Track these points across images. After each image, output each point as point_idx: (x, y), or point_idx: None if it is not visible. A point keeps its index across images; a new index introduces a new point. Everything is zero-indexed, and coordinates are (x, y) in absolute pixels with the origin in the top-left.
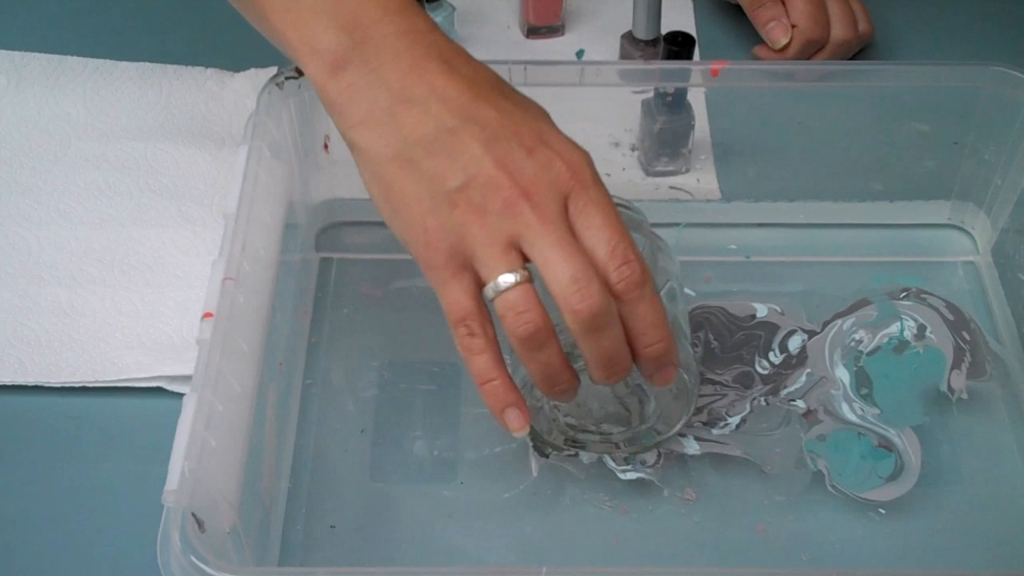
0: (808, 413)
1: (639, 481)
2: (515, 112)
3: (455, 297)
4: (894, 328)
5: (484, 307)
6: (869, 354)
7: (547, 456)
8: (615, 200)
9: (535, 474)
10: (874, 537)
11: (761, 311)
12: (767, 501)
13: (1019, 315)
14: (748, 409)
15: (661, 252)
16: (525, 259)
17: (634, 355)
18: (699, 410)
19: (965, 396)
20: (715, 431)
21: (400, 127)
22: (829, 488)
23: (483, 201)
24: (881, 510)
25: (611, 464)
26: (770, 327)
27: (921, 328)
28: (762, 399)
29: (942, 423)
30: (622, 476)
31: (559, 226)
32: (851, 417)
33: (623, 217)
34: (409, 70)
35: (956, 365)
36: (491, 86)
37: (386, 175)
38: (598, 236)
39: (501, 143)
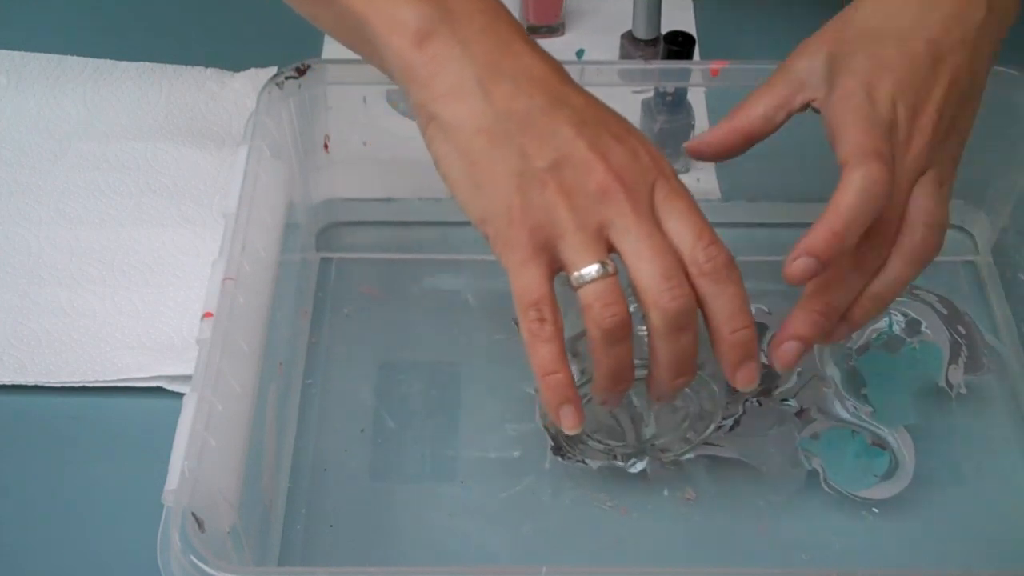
0: (801, 412)
1: (639, 481)
2: (597, 101)
3: (530, 279)
4: (883, 324)
5: (552, 296)
6: (859, 351)
7: (563, 457)
8: None
9: (547, 466)
10: (873, 534)
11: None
12: (766, 501)
13: (1019, 315)
14: (741, 411)
15: None
16: (610, 249)
17: (718, 345)
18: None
19: (964, 390)
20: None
21: (491, 100)
22: (824, 487)
23: (575, 183)
24: (875, 508)
25: (619, 462)
26: (759, 327)
27: (914, 323)
28: (755, 400)
29: (941, 418)
30: (630, 470)
31: (649, 218)
32: (844, 415)
33: None
34: (497, 45)
35: (953, 359)
36: (569, 76)
37: (473, 148)
38: (684, 221)
39: (592, 127)
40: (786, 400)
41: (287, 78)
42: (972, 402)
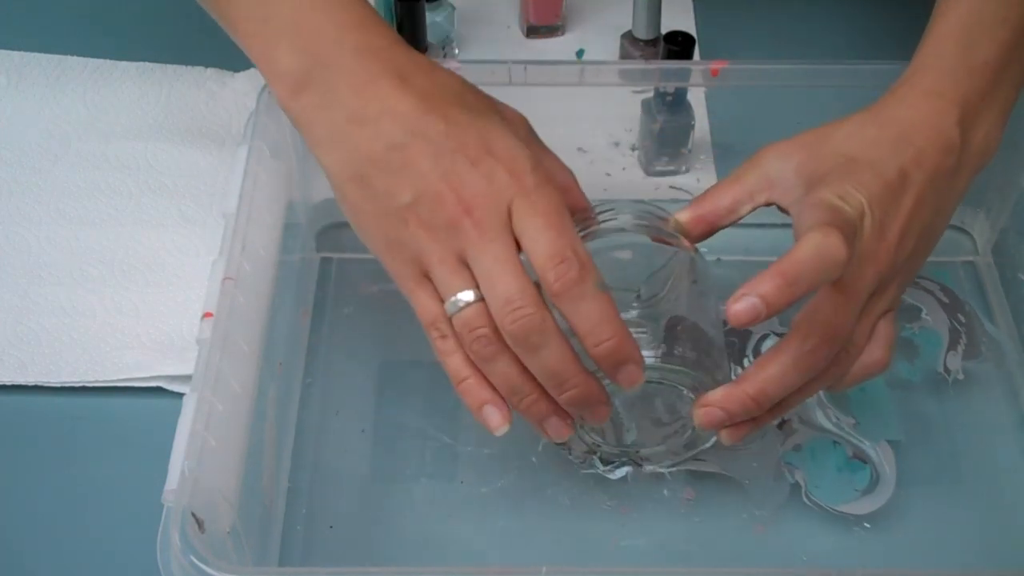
0: (783, 424)
1: (639, 481)
2: (465, 122)
3: (424, 303)
4: None
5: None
6: None
7: (573, 458)
8: (641, 202)
9: (548, 467)
10: (872, 534)
11: None
12: (749, 515)
13: (1019, 315)
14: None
15: (699, 262)
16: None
17: (590, 356)
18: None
19: (961, 377)
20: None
21: (354, 147)
22: (805, 500)
23: (431, 217)
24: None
25: (599, 466)
26: (743, 332)
27: (914, 309)
28: (672, 432)
29: (938, 403)
30: (610, 475)
31: (499, 241)
32: (826, 424)
33: (647, 221)
34: (363, 88)
35: (952, 346)
36: (451, 96)
37: (347, 194)
38: (536, 238)
39: (446, 157)
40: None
41: None
42: (969, 388)
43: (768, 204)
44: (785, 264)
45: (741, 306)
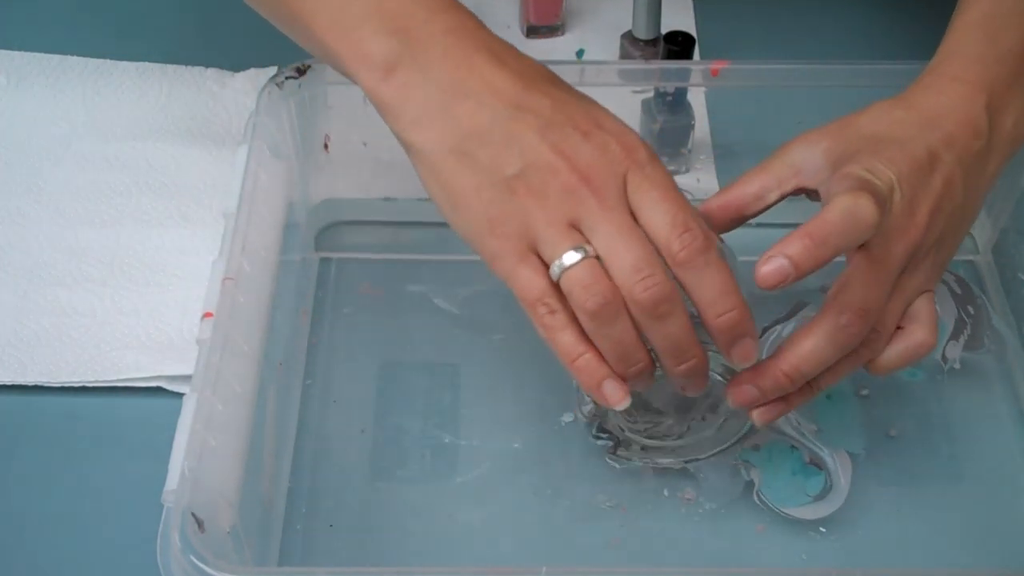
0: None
1: (639, 481)
2: (567, 99)
3: (526, 280)
4: None
5: (556, 286)
6: None
7: (612, 451)
8: None
9: (548, 466)
10: (871, 531)
11: None
12: (704, 510)
13: (1019, 315)
14: (687, 428)
15: (726, 252)
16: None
17: (708, 330)
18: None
19: (957, 366)
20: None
21: (455, 121)
22: (755, 499)
23: (542, 186)
24: (870, 508)
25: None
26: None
27: None
28: (700, 416)
29: (933, 392)
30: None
31: (619, 211)
32: (787, 429)
33: None
34: (459, 65)
35: (955, 336)
36: (542, 77)
37: (444, 170)
38: (656, 209)
39: (556, 129)
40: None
41: (287, 78)
42: (965, 379)
43: (797, 192)
44: (813, 225)
45: (769, 267)
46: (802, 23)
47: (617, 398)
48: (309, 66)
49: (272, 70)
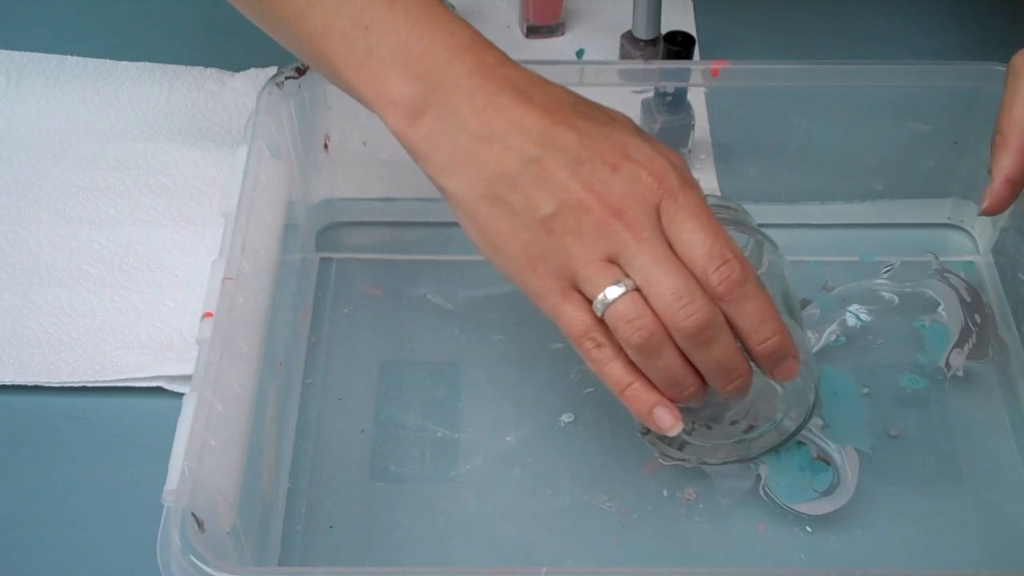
0: (750, 429)
1: (639, 481)
2: (594, 131)
3: (570, 316)
4: (836, 325)
5: (601, 319)
6: (816, 355)
7: (661, 453)
8: (710, 199)
9: (548, 466)
10: (871, 531)
11: None
12: (766, 501)
13: (1019, 315)
14: (692, 427)
15: (768, 247)
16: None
17: (750, 354)
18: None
19: (960, 374)
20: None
21: (483, 166)
22: (761, 494)
23: (577, 224)
24: (867, 507)
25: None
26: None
27: (931, 302)
28: (704, 424)
29: (936, 397)
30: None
31: (654, 242)
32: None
33: (722, 214)
34: (485, 107)
35: (960, 344)
36: (569, 108)
37: (479, 216)
38: (692, 240)
39: (585, 165)
40: (736, 422)
41: (287, 78)
42: (968, 386)
43: None
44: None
45: (997, 193)
46: (802, 23)
47: (668, 423)
48: (309, 66)
49: (272, 70)
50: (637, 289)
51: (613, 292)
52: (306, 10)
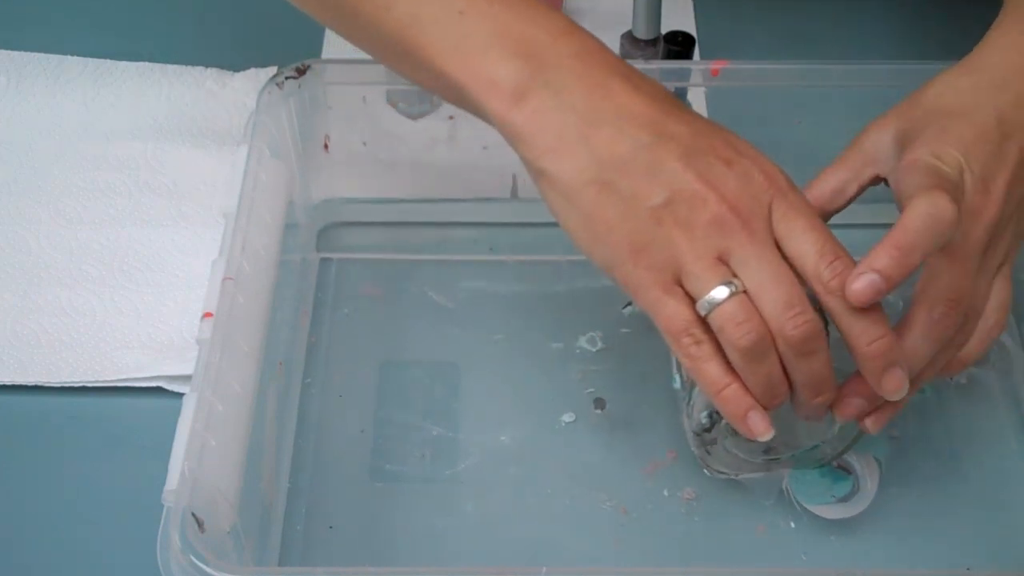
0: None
1: (639, 481)
2: (704, 125)
3: (671, 311)
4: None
5: (701, 317)
6: None
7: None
8: None
9: (548, 466)
10: (871, 532)
11: None
12: (766, 501)
13: (1019, 315)
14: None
15: None
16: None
17: (857, 359)
18: None
19: (964, 381)
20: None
21: (593, 149)
22: (783, 490)
23: (689, 217)
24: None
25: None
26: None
27: None
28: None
29: (940, 405)
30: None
31: (767, 244)
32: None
33: None
34: (593, 90)
35: None
36: (673, 102)
37: (584, 201)
38: (803, 239)
39: (699, 157)
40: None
41: (287, 78)
42: (970, 391)
43: (875, 181)
44: (897, 235)
45: (860, 284)
46: (802, 23)
47: (761, 428)
48: (309, 66)
49: (272, 70)
50: (744, 291)
51: (721, 292)
52: (390, 2)
